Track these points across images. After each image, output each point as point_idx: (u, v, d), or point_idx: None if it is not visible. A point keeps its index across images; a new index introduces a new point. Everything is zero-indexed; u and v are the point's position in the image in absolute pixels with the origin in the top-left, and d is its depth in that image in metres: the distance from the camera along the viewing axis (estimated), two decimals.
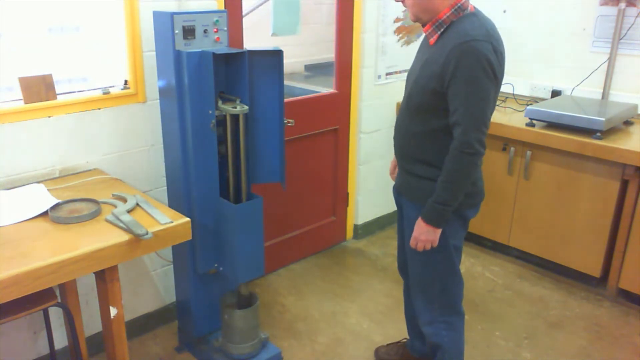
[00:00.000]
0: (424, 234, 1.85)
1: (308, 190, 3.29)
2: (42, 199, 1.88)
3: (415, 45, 3.44)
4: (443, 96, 1.74)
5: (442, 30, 1.77)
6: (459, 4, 1.75)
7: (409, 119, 1.90)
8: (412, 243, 1.91)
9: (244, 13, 2.73)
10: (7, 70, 2.00)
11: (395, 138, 2.01)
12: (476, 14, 1.77)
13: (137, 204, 1.89)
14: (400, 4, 1.87)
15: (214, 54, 1.98)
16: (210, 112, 2.05)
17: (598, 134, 2.79)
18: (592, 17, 3.24)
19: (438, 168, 1.82)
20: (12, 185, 2.03)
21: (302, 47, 3.90)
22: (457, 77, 1.68)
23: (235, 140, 2.17)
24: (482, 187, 1.97)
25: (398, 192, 2.09)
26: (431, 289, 2.03)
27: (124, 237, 1.68)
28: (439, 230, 1.85)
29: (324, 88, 3.37)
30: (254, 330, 2.33)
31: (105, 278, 1.75)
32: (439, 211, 1.80)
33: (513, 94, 3.53)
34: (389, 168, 3.58)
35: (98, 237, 1.66)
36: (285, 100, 2.34)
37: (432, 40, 1.81)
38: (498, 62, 1.71)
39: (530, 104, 3.23)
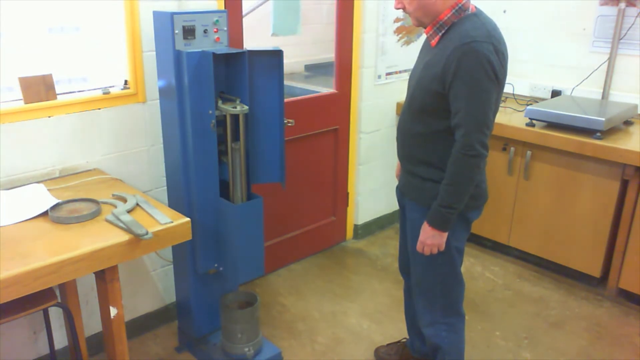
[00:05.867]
0: (430, 238, 1.85)
1: (308, 190, 3.29)
2: (42, 199, 1.88)
3: (416, 45, 3.44)
4: (445, 98, 1.74)
5: (443, 31, 1.77)
6: (459, 5, 1.74)
7: (411, 120, 1.89)
8: (418, 247, 1.90)
9: (244, 13, 2.73)
10: (7, 70, 2.01)
11: (397, 139, 2.01)
12: (477, 15, 1.76)
13: (137, 204, 1.89)
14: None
15: (214, 54, 1.98)
16: (210, 112, 2.05)
17: (598, 134, 2.79)
18: (592, 17, 3.24)
19: (441, 169, 1.82)
20: (12, 185, 2.03)
21: (302, 47, 3.90)
22: (458, 78, 1.68)
23: (235, 140, 2.16)
24: (486, 189, 1.96)
25: (401, 193, 2.09)
26: (432, 291, 2.03)
27: (124, 237, 1.67)
28: (445, 234, 1.84)
29: (324, 88, 3.37)
30: (254, 330, 2.33)
31: (105, 278, 1.75)
32: (444, 214, 1.80)
33: (513, 94, 3.53)
34: (388, 168, 3.62)
35: (98, 237, 1.66)
36: (285, 100, 2.34)
37: (434, 42, 1.80)
38: (500, 63, 1.70)
39: (530, 104, 3.23)
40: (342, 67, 3.21)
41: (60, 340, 2.34)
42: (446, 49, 1.72)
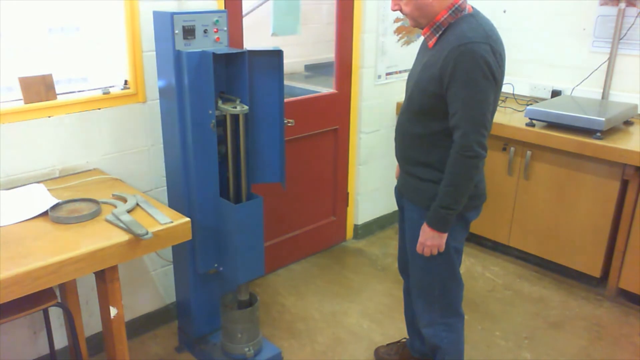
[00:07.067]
0: (430, 239, 1.85)
1: (308, 190, 3.29)
2: (42, 199, 1.88)
3: (415, 45, 3.44)
4: (443, 99, 1.74)
5: (440, 32, 1.77)
6: (456, 5, 1.74)
7: (410, 121, 1.89)
8: (418, 248, 1.90)
9: (244, 13, 2.73)
10: (7, 70, 2.00)
11: (396, 140, 2.01)
12: (474, 15, 1.76)
13: (137, 204, 1.89)
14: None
15: (214, 54, 1.98)
16: (210, 112, 2.05)
17: (598, 134, 2.79)
18: (592, 17, 3.24)
19: (439, 170, 1.82)
20: (12, 185, 2.03)
21: (302, 47, 3.90)
22: (455, 79, 1.68)
23: (235, 140, 2.17)
24: (484, 189, 1.96)
25: (400, 193, 2.09)
26: (431, 291, 2.03)
27: (124, 237, 1.67)
28: (445, 235, 1.84)
29: (324, 88, 3.37)
30: (254, 330, 2.33)
31: (105, 278, 1.75)
32: (443, 215, 1.80)
33: (513, 94, 3.53)
34: (388, 168, 3.61)
35: (98, 237, 1.66)
36: (285, 100, 2.34)
37: (431, 43, 1.80)
38: (497, 64, 1.70)
39: (530, 104, 3.24)
40: (342, 67, 3.21)
41: (60, 340, 2.34)
42: (443, 50, 1.71)
